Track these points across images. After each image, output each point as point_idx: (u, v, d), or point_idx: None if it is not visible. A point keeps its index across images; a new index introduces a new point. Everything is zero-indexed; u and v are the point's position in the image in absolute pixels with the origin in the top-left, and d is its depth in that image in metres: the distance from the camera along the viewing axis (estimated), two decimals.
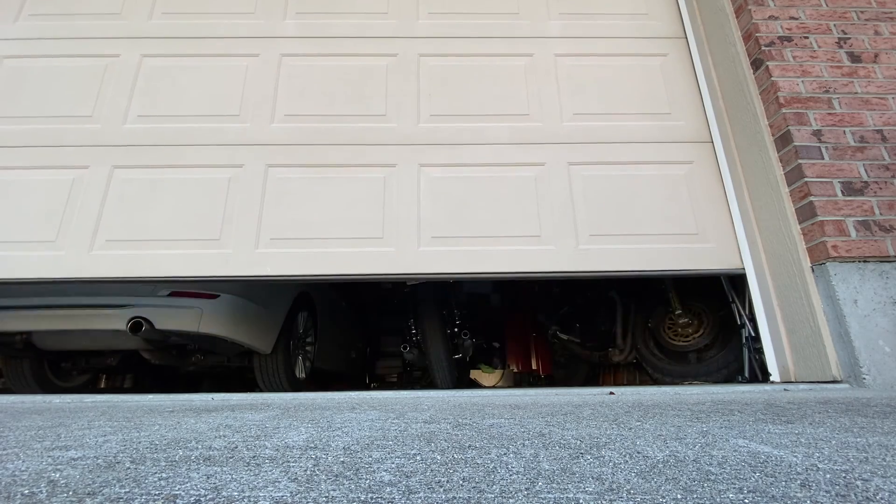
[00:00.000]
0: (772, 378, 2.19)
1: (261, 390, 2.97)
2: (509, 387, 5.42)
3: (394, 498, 0.64)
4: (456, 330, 3.10)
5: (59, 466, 0.79)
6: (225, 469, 0.77)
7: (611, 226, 2.46)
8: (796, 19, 2.43)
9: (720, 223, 2.46)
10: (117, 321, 2.33)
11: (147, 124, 2.63)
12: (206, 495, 0.65)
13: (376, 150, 2.60)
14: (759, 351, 2.33)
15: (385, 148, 2.61)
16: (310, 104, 2.71)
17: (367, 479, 0.71)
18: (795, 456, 0.81)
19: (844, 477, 0.70)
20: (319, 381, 5.10)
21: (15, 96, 2.67)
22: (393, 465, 0.78)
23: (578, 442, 0.93)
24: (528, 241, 2.43)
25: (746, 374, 2.42)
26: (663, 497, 0.63)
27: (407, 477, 0.72)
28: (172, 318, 2.39)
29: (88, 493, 0.65)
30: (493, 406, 1.48)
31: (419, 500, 0.63)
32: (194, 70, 2.78)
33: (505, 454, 0.85)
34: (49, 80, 2.72)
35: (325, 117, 2.68)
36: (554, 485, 0.68)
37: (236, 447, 0.92)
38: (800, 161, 2.12)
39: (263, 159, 2.56)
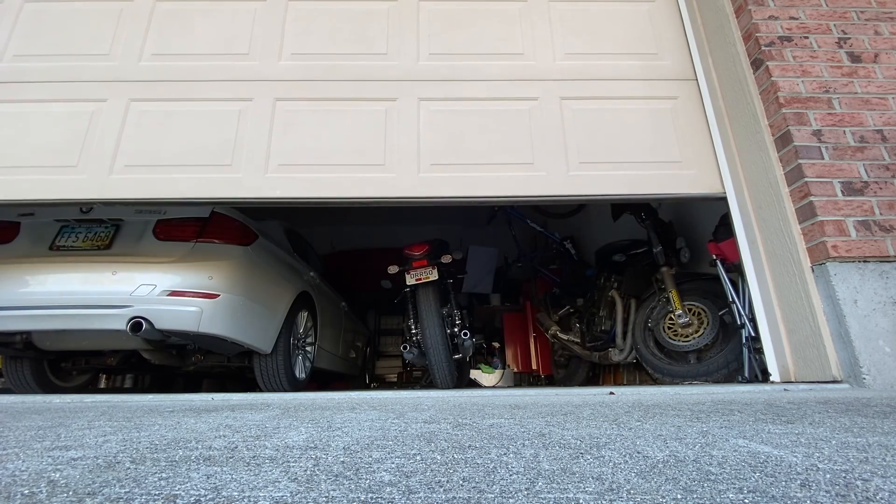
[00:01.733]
0: (772, 378, 2.19)
1: (261, 390, 2.96)
2: (509, 387, 5.42)
3: (394, 498, 0.64)
4: (456, 330, 3.10)
5: (59, 466, 0.79)
6: (225, 469, 0.77)
7: (600, 154, 2.61)
8: (796, 19, 2.43)
9: (702, 152, 2.62)
10: (117, 321, 2.33)
11: (161, 62, 2.78)
12: (206, 495, 0.65)
13: (378, 86, 2.75)
14: (759, 351, 2.33)
15: (386, 84, 2.76)
16: (315, 44, 2.86)
17: (367, 479, 0.71)
18: (795, 456, 0.81)
19: (844, 477, 0.70)
20: (319, 381, 5.11)
21: (36, 37, 2.83)
22: (393, 465, 0.78)
23: (578, 442, 0.93)
24: (522, 168, 2.58)
25: (746, 374, 2.42)
26: (663, 497, 0.63)
27: (407, 477, 0.72)
28: (172, 318, 2.39)
29: (88, 493, 0.65)
30: (493, 406, 1.48)
31: (419, 500, 0.63)
32: (204, 13, 2.92)
33: (505, 454, 0.85)
34: (67, 22, 2.88)
35: (330, 55, 2.83)
36: (554, 485, 0.68)
37: (236, 447, 0.92)
38: (800, 161, 2.12)
39: (272, 94, 2.71)
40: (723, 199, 2.53)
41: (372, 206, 2.61)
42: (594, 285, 3.67)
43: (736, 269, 2.57)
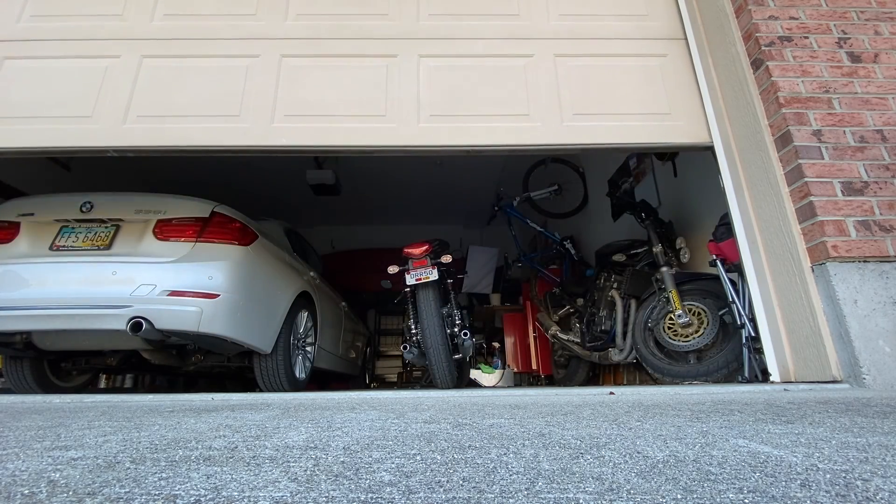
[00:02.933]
0: (772, 378, 2.19)
1: (261, 390, 2.96)
2: (509, 387, 5.42)
3: (394, 498, 0.64)
4: (456, 330, 3.09)
5: (59, 466, 0.79)
6: (225, 469, 0.77)
7: (592, 107, 2.75)
8: (796, 19, 2.43)
9: (690, 105, 2.75)
10: (117, 321, 2.33)
11: (172, 21, 2.94)
12: (206, 495, 0.65)
13: (380, 44, 2.91)
14: (759, 351, 2.33)
15: (388, 42, 2.91)
16: (319, 5, 3.01)
17: (367, 479, 0.71)
18: (795, 456, 0.81)
19: (844, 477, 0.70)
20: (319, 381, 5.11)
21: None
22: (393, 465, 0.78)
23: (578, 442, 0.93)
24: (518, 119, 2.71)
25: (746, 374, 2.42)
26: (663, 497, 0.63)
27: (407, 477, 0.72)
28: (172, 318, 2.39)
29: (88, 493, 0.65)
30: (493, 406, 1.48)
31: (419, 500, 0.63)
32: None
33: (505, 454, 0.85)
34: None
35: (334, 16, 2.98)
36: (554, 485, 0.68)
37: (236, 447, 0.92)
38: (800, 161, 2.12)
39: (277, 51, 2.87)
40: (710, 149, 2.65)
41: (375, 155, 2.75)
42: (594, 285, 3.67)
43: (736, 269, 2.57)
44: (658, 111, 2.73)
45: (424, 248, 3.02)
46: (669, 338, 2.74)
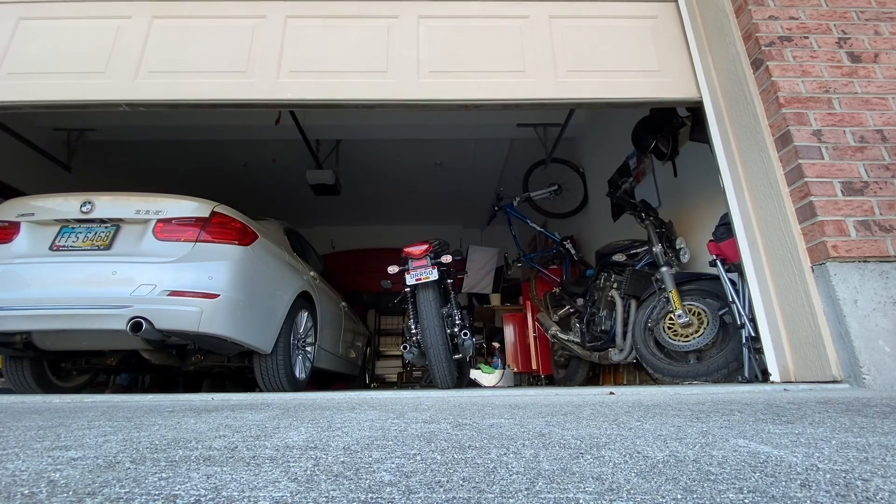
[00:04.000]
0: (772, 378, 2.19)
1: (261, 390, 2.96)
2: (509, 387, 5.42)
3: (394, 498, 0.64)
4: (456, 330, 3.09)
5: (59, 466, 0.79)
6: (225, 469, 0.77)
7: (585, 64, 2.87)
8: (796, 19, 2.43)
9: (680, 63, 2.86)
10: (117, 321, 2.33)
11: None
12: (206, 495, 0.65)
13: (381, 5, 3.03)
14: (759, 351, 2.33)
15: (388, 3, 3.04)
16: None
17: (367, 479, 0.71)
18: (795, 456, 0.81)
19: (844, 477, 0.70)
20: (319, 381, 5.11)
21: None
22: (393, 465, 0.78)
23: (578, 442, 0.93)
24: (514, 76, 2.84)
25: (746, 374, 2.42)
26: (663, 497, 0.63)
27: (407, 477, 0.72)
28: (172, 318, 2.39)
29: (88, 493, 0.65)
30: (493, 406, 1.48)
31: (419, 500, 0.63)
32: None
33: (505, 454, 0.85)
34: None
35: None
36: (554, 485, 0.68)
37: (236, 447, 0.92)
38: (800, 161, 2.12)
39: (283, 11, 3.00)
40: (699, 104, 2.76)
41: (376, 108, 2.87)
42: (594, 285, 3.67)
43: (736, 269, 2.57)
44: (649, 68, 2.84)
45: (424, 248, 3.02)
46: (669, 338, 2.74)
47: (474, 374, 5.65)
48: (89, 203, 2.60)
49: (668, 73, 2.84)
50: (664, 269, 2.85)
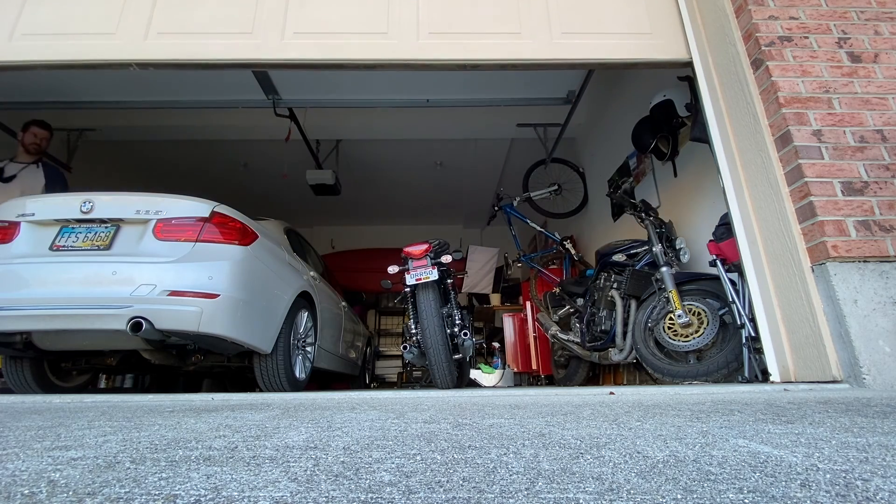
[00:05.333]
0: (772, 378, 2.19)
1: (261, 390, 2.96)
2: (509, 387, 5.42)
3: (394, 498, 0.64)
4: (456, 330, 3.09)
5: (59, 466, 0.79)
6: (225, 469, 0.77)
7: (580, 26, 2.99)
8: (796, 19, 2.43)
9: (671, 25, 2.98)
10: (117, 321, 2.33)
11: None
12: (206, 495, 0.65)
13: None
14: (759, 351, 2.33)
15: None
16: None
17: (367, 479, 0.71)
18: (795, 456, 0.81)
19: (844, 477, 0.70)
20: (319, 381, 5.11)
21: None
22: (393, 465, 0.78)
23: (578, 442, 0.93)
24: (511, 37, 2.95)
25: (746, 374, 2.42)
26: (663, 497, 0.63)
27: (407, 477, 0.72)
28: (172, 318, 2.39)
29: (88, 493, 0.65)
30: (493, 406, 1.48)
31: (419, 500, 0.63)
32: None
33: (505, 454, 0.85)
34: None
35: None
36: (554, 485, 0.68)
37: (236, 447, 0.92)
38: (800, 161, 2.12)
39: None
40: (689, 64, 2.86)
41: (377, 69, 2.97)
42: (594, 285, 3.67)
43: (736, 269, 2.57)
44: (640, 31, 2.96)
45: (424, 248, 3.02)
46: (669, 338, 2.74)
47: (474, 374, 5.65)
48: (89, 203, 2.60)
49: (660, 36, 2.94)
50: (664, 269, 2.85)
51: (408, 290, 3.07)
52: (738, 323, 2.48)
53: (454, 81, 4.72)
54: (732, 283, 2.57)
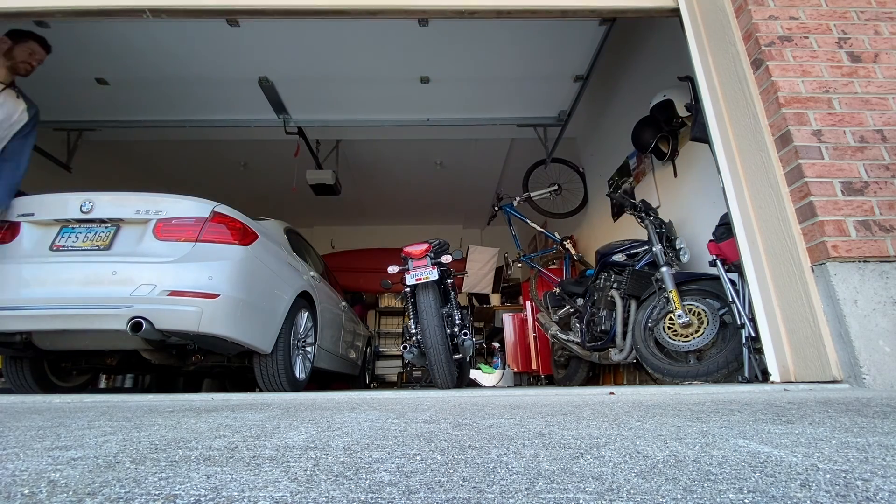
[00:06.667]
0: (772, 378, 2.19)
1: (261, 390, 2.96)
2: (509, 387, 5.42)
3: (394, 498, 0.64)
4: (456, 330, 3.09)
5: (59, 466, 0.79)
6: (225, 469, 0.77)
7: None
8: (796, 19, 2.43)
9: None
10: (117, 321, 2.33)
11: None
12: (206, 495, 0.65)
13: None
14: (759, 351, 2.33)
15: None
16: None
17: (367, 479, 0.71)
18: (795, 456, 0.81)
19: (844, 477, 0.70)
20: (319, 381, 5.11)
21: None
22: (393, 465, 0.78)
23: (578, 442, 0.93)
24: None
25: (746, 374, 2.42)
26: (663, 497, 0.63)
27: (407, 477, 0.72)
28: (172, 318, 2.39)
29: (88, 493, 0.65)
30: (493, 406, 1.48)
31: (419, 500, 0.63)
32: None
33: (505, 454, 0.85)
34: None
35: None
36: (554, 485, 0.68)
37: (236, 447, 0.92)
38: (800, 161, 2.12)
39: None
40: (675, 13, 2.88)
41: (378, 13, 2.93)
42: (594, 285, 3.67)
43: (736, 269, 2.57)
44: None
45: (424, 248, 3.02)
46: (669, 338, 2.74)
47: (474, 374, 5.66)
48: (89, 203, 2.60)
49: None
50: (664, 269, 2.85)
51: (408, 290, 3.07)
52: (738, 323, 2.48)
53: (453, 100, 4.88)
54: (732, 283, 2.57)
